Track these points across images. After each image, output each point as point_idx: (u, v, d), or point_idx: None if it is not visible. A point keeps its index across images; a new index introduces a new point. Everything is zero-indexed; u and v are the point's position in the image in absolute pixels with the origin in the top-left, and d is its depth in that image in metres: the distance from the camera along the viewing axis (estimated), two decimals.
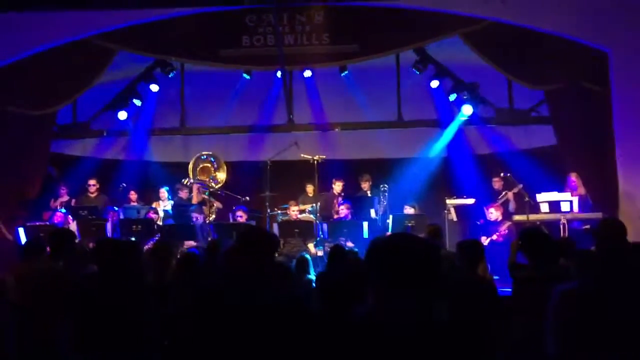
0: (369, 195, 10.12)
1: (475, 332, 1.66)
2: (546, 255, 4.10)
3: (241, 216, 9.41)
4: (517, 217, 8.94)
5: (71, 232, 5.42)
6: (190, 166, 9.90)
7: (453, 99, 10.47)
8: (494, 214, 9.20)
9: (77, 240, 8.36)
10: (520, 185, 9.25)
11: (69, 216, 9.37)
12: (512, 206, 9.41)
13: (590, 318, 2.53)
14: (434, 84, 10.36)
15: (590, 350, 2.48)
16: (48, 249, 4.62)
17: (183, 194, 10.19)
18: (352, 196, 10.19)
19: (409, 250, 1.73)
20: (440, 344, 1.65)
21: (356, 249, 7.92)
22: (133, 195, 10.56)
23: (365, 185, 10.25)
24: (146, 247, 7.42)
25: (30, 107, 9.42)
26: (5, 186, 9.03)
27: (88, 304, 3.46)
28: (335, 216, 9.84)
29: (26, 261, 4.48)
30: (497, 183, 9.88)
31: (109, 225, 9.09)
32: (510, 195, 9.43)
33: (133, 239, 8.61)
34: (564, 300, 2.62)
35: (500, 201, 9.54)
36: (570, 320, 2.53)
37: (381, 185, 10.15)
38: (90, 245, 7.35)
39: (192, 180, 9.97)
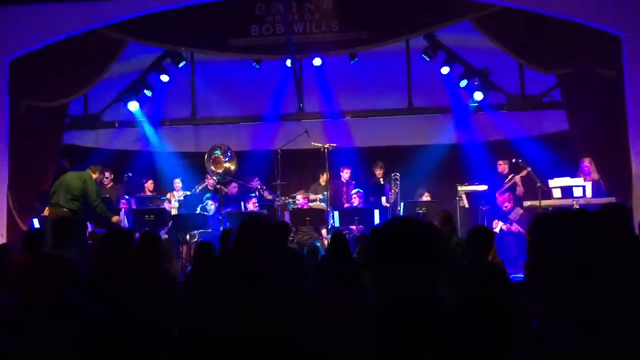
0: (382, 182, 10.13)
1: (485, 314, 1.66)
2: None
3: (254, 204, 9.47)
4: (528, 203, 8.90)
5: (76, 221, 5.44)
6: (206, 157, 9.95)
7: (464, 86, 10.41)
8: (507, 205, 9.22)
9: (88, 231, 8.51)
10: (529, 169, 9.18)
11: None
12: (519, 190, 9.36)
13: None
14: (445, 70, 10.30)
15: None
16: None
17: (209, 182, 10.22)
18: (364, 184, 10.20)
19: (409, 231, 1.74)
20: (450, 324, 1.66)
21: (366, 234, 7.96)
22: (150, 185, 10.66)
23: (379, 173, 10.26)
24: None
25: (43, 100, 9.49)
26: (19, 178, 9.12)
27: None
28: (346, 204, 9.86)
29: (27, 252, 4.46)
30: (501, 166, 9.83)
31: (122, 215, 9.16)
32: (517, 179, 9.37)
33: (147, 228, 8.71)
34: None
35: (506, 186, 9.49)
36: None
37: (393, 174, 10.14)
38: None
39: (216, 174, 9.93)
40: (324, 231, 9.22)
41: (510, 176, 9.61)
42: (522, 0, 8.72)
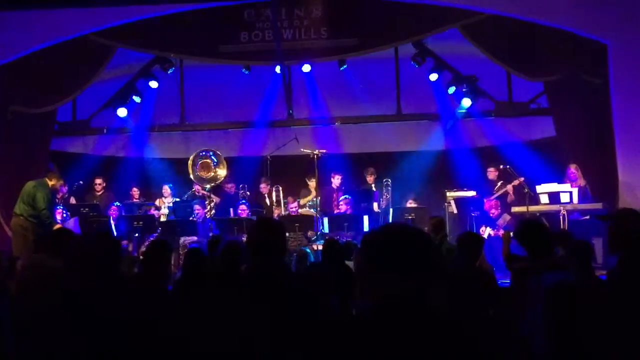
0: (373, 188, 10.16)
1: (472, 318, 1.69)
2: (543, 246, 4.12)
3: (244, 210, 9.47)
4: (516, 209, 8.96)
5: (69, 230, 5.42)
6: (190, 162, 9.91)
7: (452, 92, 10.48)
8: (494, 211, 9.29)
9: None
10: (522, 179, 9.25)
11: (68, 213, 9.42)
12: (510, 198, 9.44)
13: (586, 312, 2.54)
14: (433, 77, 10.37)
15: (586, 345, 2.50)
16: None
17: (197, 189, 10.18)
18: (354, 190, 10.23)
19: (399, 237, 1.76)
20: (438, 329, 1.68)
21: (355, 242, 7.98)
22: (135, 192, 10.62)
23: (371, 179, 10.29)
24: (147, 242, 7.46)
25: (31, 105, 9.45)
26: (6, 183, 9.06)
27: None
28: (336, 210, 9.88)
29: (36, 254, 4.48)
30: (491, 173, 9.91)
31: (112, 222, 9.12)
32: (510, 188, 9.45)
33: (136, 235, 8.70)
34: (557, 291, 2.64)
35: (497, 194, 9.57)
36: (562, 313, 2.55)
37: (384, 180, 10.18)
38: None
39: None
40: (309, 233, 9.25)
41: (500, 183, 9.68)
42: (509, 8, 8.81)
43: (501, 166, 9.57)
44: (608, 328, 2.51)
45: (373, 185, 10.25)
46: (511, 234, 4.50)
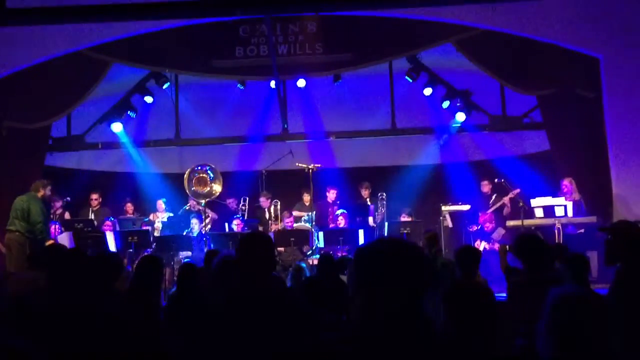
0: (369, 203, 10.16)
1: (471, 335, 1.68)
2: (541, 260, 4.13)
3: (238, 225, 9.44)
4: (511, 223, 8.97)
5: (62, 247, 5.38)
6: (186, 177, 9.89)
7: (446, 107, 10.53)
8: (489, 225, 9.30)
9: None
10: (518, 190, 9.27)
11: (62, 228, 9.36)
12: (506, 211, 9.45)
13: (590, 323, 2.53)
14: (427, 91, 10.42)
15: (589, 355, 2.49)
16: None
17: (192, 204, 10.14)
18: (350, 204, 10.23)
19: (392, 251, 1.75)
20: (435, 346, 1.67)
21: (350, 257, 7.95)
22: (129, 207, 10.59)
23: (365, 193, 10.29)
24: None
25: (26, 121, 9.43)
26: (0, 199, 9.01)
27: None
28: (331, 225, 9.87)
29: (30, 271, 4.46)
30: (485, 187, 9.94)
31: (108, 236, 9.05)
32: (507, 199, 9.46)
33: (130, 250, 8.65)
34: (563, 303, 2.63)
35: (494, 207, 9.58)
36: (568, 324, 2.54)
37: (379, 194, 10.18)
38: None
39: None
40: (305, 247, 9.24)
41: (494, 196, 9.70)
42: (503, 23, 8.88)
43: (495, 180, 9.60)
44: (614, 337, 2.52)
45: (368, 199, 10.26)
46: (507, 247, 4.52)
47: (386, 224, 9.36)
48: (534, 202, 8.71)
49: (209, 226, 9.99)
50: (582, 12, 8.73)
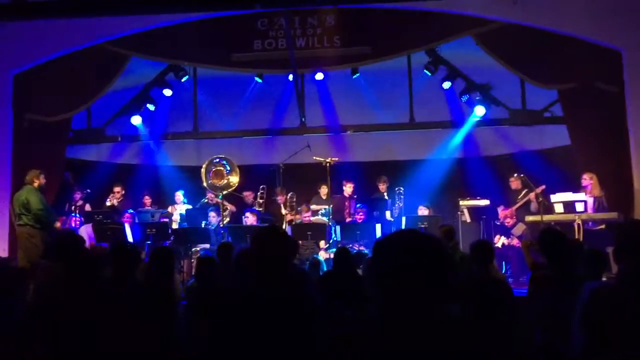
0: (386, 197, 10.13)
1: (489, 331, 1.66)
2: (565, 255, 4.10)
3: (248, 217, 9.45)
4: (530, 218, 8.88)
5: (74, 236, 5.44)
6: (203, 170, 9.94)
7: (465, 100, 10.45)
8: (509, 220, 9.22)
9: (87, 244, 8.48)
10: (543, 186, 9.16)
11: (82, 219, 9.47)
12: (533, 206, 9.29)
13: (621, 317, 2.51)
14: (446, 85, 10.35)
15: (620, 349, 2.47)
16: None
17: (210, 197, 10.20)
18: (368, 198, 10.21)
19: (412, 245, 1.73)
20: (454, 343, 1.66)
21: (366, 251, 7.97)
22: (147, 199, 10.68)
23: (383, 187, 10.27)
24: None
25: (47, 114, 9.54)
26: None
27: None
28: (348, 219, 9.86)
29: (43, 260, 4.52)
30: (514, 183, 9.81)
31: (127, 228, 9.14)
32: (532, 196, 9.34)
33: (149, 242, 8.72)
34: (596, 298, 2.61)
35: (519, 203, 9.47)
36: (601, 318, 2.52)
37: (397, 188, 10.15)
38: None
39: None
40: (321, 242, 9.24)
41: (524, 192, 9.57)
42: (522, 16, 8.78)
43: (521, 175, 9.49)
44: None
45: (385, 193, 10.23)
46: (530, 242, 4.51)
47: (404, 218, 9.33)
48: (554, 197, 8.61)
49: (228, 219, 10.04)
50: (604, 5, 8.59)
